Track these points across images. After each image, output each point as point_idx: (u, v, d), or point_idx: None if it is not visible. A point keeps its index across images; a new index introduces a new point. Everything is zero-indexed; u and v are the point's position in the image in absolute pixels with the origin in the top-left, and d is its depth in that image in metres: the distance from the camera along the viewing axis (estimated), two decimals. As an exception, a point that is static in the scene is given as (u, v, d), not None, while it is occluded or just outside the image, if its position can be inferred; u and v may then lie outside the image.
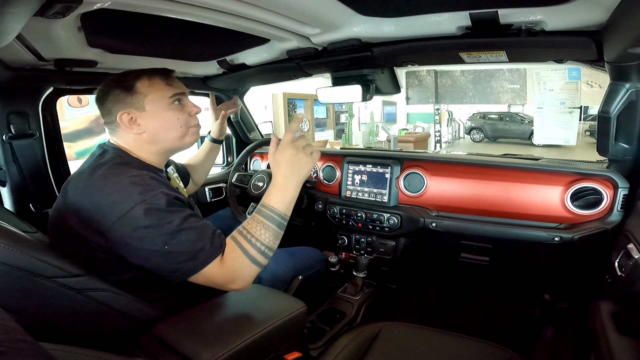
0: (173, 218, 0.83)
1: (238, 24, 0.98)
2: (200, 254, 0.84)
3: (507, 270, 1.58)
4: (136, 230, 0.80)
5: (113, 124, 0.98)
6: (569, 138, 1.55)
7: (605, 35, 0.82)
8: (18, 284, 0.71)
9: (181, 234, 0.83)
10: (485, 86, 12.15)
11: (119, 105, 0.96)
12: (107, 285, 0.83)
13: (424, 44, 1.09)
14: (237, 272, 0.87)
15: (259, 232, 0.89)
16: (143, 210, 0.81)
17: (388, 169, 1.61)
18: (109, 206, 0.82)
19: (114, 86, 0.97)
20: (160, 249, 0.81)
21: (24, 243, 0.74)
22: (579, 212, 1.27)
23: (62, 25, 0.85)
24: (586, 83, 4.60)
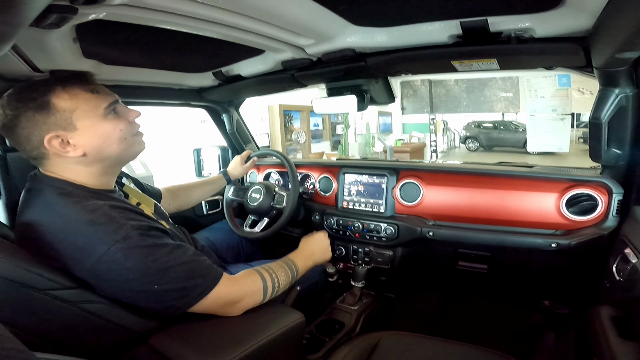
0: (157, 255, 0.79)
1: (233, 35, 0.98)
2: (195, 289, 0.83)
3: (506, 277, 1.59)
4: (119, 272, 0.76)
5: (37, 151, 0.84)
6: (561, 145, 1.57)
7: (592, 41, 0.84)
8: (11, 296, 0.70)
9: (170, 271, 0.80)
10: (479, 95, 12.29)
11: (39, 129, 0.81)
12: (101, 298, 0.81)
13: (416, 53, 1.11)
14: (245, 297, 0.93)
15: (280, 273, 1.04)
16: (120, 252, 0.76)
17: (384, 179, 1.62)
18: (77, 252, 0.75)
19: (21, 108, 0.80)
20: (150, 289, 0.78)
21: (17, 255, 0.73)
22: (575, 218, 1.28)
23: (57, 36, 0.84)
24: (577, 90, 4.68)
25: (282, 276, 1.04)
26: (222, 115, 2.05)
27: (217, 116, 2.07)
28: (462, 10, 0.88)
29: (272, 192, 1.68)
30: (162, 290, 0.79)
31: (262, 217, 1.72)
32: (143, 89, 1.52)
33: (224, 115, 2.04)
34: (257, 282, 0.96)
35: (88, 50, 1.04)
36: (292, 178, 1.64)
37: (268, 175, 2.09)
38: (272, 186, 1.71)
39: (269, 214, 1.69)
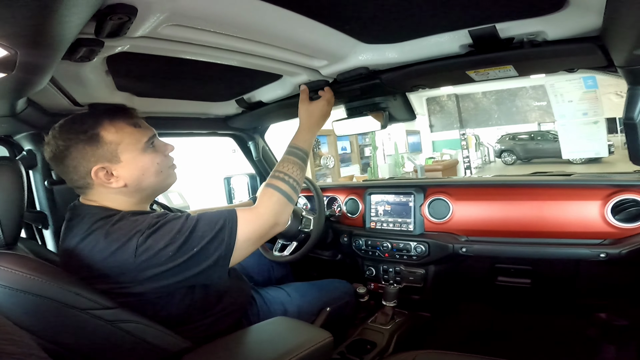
0: (178, 226, 0.85)
1: (250, 62, 1.03)
2: (224, 230, 0.87)
3: (552, 291, 1.49)
4: (158, 255, 0.81)
5: (83, 181, 0.89)
6: (599, 150, 1.49)
7: (606, 39, 0.81)
8: (55, 316, 0.75)
9: (196, 230, 0.85)
10: (510, 106, 11.96)
11: (87, 161, 0.87)
12: (138, 317, 0.85)
13: (429, 66, 1.11)
14: (277, 214, 0.96)
15: (288, 168, 1.03)
16: (150, 238, 0.81)
17: (411, 197, 1.60)
18: (119, 258, 0.81)
19: (73, 139, 0.86)
20: (192, 254, 0.83)
21: (61, 278, 0.79)
22: (623, 226, 1.19)
23: (90, 69, 0.90)
24: (615, 93, 4.42)
25: (293, 170, 1.04)
26: (249, 143, 2.11)
27: (243, 144, 2.13)
28: (468, 19, 0.87)
29: (300, 216, 1.69)
30: (202, 249, 0.84)
31: (291, 240, 1.73)
32: (172, 120, 1.60)
33: (250, 142, 2.11)
34: (274, 195, 0.98)
35: (120, 83, 1.12)
36: (318, 201, 1.65)
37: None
38: (299, 210, 1.73)
39: (297, 238, 1.70)
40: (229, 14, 0.72)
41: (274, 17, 0.79)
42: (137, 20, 0.61)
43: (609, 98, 8.14)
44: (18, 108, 0.95)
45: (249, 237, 0.90)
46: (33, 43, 0.50)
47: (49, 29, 0.47)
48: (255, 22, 0.79)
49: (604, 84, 1.43)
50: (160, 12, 0.63)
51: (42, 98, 1.05)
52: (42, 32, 0.47)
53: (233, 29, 0.79)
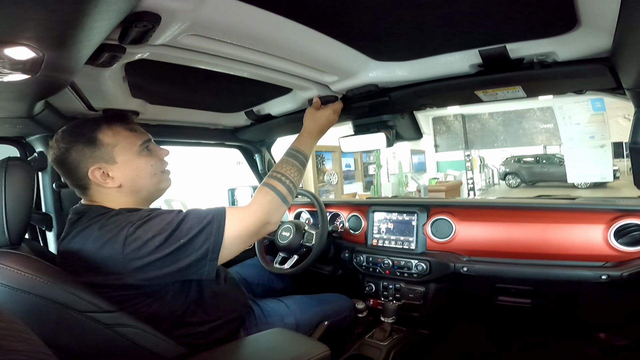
0: (168, 218, 0.87)
1: (263, 75, 1.05)
2: (212, 224, 0.88)
3: (552, 311, 1.49)
4: (146, 245, 0.83)
5: (83, 181, 0.95)
6: (604, 174, 1.50)
7: (616, 61, 0.82)
8: (52, 316, 0.75)
9: (184, 223, 0.87)
10: (517, 128, 11.97)
11: (85, 161, 0.93)
12: (136, 322, 0.85)
13: (439, 85, 1.12)
14: (270, 213, 0.97)
15: (286, 169, 1.05)
16: (139, 229, 0.84)
17: (414, 216, 1.61)
18: (108, 247, 0.83)
19: (73, 142, 0.93)
20: (179, 245, 0.84)
21: (62, 279, 0.79)
22: (626, 250, 1.20)
23: (109, 75, 0.94)
24: (623, 117, 4.43)
25: (291, 172, 1.06)
26: (255, 155, 2.14)
27: (249, 156, 2.16)
28: (479, 38, 0.89)
29: (302, 231, 1.70)
30: (189, 241, 0.85)
31: (292, 254, 1.73)
32: (182, 129, 1.63)
33: (256, 155, 2.13)
34: (269, 194, 0.99)
35: (135, 90, 1.15)
36: (322, 217, 1.66)
37: (299, 214, 2.13)
38: (302, 225, 1.73)
39: (299, 252, 1.70)
40: (248, 26, 0.75)
41: (290, 31, 0.81)
42: (159, 29, 0.64)
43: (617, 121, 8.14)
44: (36, 110, 0.98)
45: (239, 234, 0.92)
46: (61, 46, 0.52)
47: (78, 33, 0.49)
48: (272, 36, 0.81)
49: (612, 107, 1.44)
50: (182, 22, 0.65)
51: (59, 101, 1.07)
52: (71, 36, 0.49)
53: (250, 41, 0.82)
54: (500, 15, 0.78)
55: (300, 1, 0.71)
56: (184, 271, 0.88)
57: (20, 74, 0.62)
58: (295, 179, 1.06)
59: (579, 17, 0.74)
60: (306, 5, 0.74)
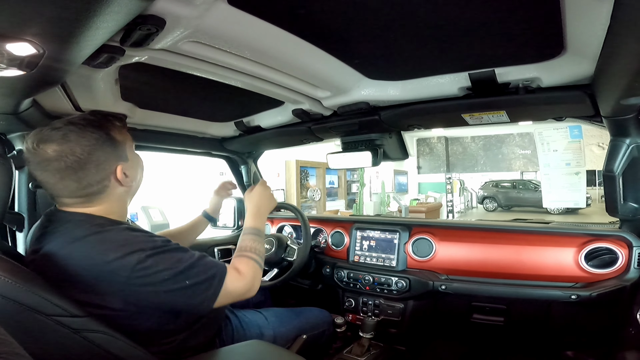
0: (180, 257, 0.87)
1: (257, 86, 1.06)
2: (215, 278, 0.90)
3: (524, 329, 1.53)
4: (153, 276, 0.82)
5: (100, 185, 0.88)
6: (578, 200, 1.55)
7: (596, 87, 0.87)
8: (17, 318, 0.72)
9: (194, 267, 0.87)
10: (497, 152, 12.35)
11: (110, 160, 0.88)
12: (105, 328, 0.81)
13: (428, 106, 1.16)
14: (254, 280, 1.01)
15: (254, 245, 1.09)
16: (151, 259, 0.82)
17: (396, 235, 1.64)
18: (112, 267, 0.79)
19: (99, 140, 0.85)
20: (183, 285, 0.85)
21: (30, 281, 0.76)
22: (595, 271, 1.25)
23: (102, 76, 0.93)
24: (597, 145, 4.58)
25: (256, 246, 1.10)
26: (241, 167, 2.12)
27: (235, 167, 2.14)
28: (470, 61, 0.94)
29: (284, 245, 1.69)
30: (193, 284, 0.86)
31: (272, 267, 1.71)
32: (170, 135, 1.61)
33: (242, 166, 2.12)
34: (252, 265, 1.03)
35: (125, 93, 1.14)
36: (305, 232, 1.66)
37: (281, 228, 2.12)
38: (284, 239, 1.73)
39: (279, 265, 1.69)
40: (249, 37, 0.76)
41: (290, 45, 0.83)
42: (162, 33, 0.64)
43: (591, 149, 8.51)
44: (22, 107, 0.95)
45: (232, 295, 0.95)
46: (63, 44, 0.52)
47: (84, 32, 0.49)
48: (272, 48, 0.83)
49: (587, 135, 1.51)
50: (185, 28, 0.66)
51: (46, 100, 1.05)
52: (76, 34, 0.49)
53: (249, 51, 0.83)
54: (493, 39, 0.82)
55: (304, 16, 0.74)
56: (175, 307, 0.90)
57: (16, 70, 0.61)
58: (259, 249, 1.12)
59: (565, 43, 0.78)
60: (308, 21, 0.76)
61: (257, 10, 0.70)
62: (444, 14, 0.72)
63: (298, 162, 7.13)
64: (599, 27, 0.63)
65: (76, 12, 0.43)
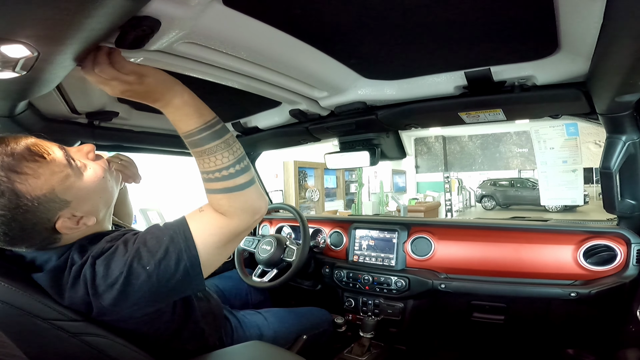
0: (128, 246, 0.75)
1: (253, 86, 1.06)
2: (177, 240, 0.74)
3: (524, 327, 1.54)
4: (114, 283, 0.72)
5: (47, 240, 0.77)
6: (575, 198, 1.56)
7: (591, 86, 0.88)
8: (15, 323, 0.72)
9: (143, 248, 0.74)
10: (494, 151, 12.41)
11: (37, 225, 0.74)
12: (104, 332, 0.81)
13: (424, 105, 1.17)
14: (244, 208, 0.77)
15: (216, 160, 0.76)
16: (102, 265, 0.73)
17: (395, 234, 1.64)
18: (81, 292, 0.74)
19: (6, 206, 0.68)
20: (147, 276, 0.72)
21: (27, 285, 0.76)
22: (594, 269, 1.26)
23: None
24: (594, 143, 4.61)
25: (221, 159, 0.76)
26: (239, 167, 2.12)
27: (233, 168, 2.13)
28: (466, 60, 0.94)
29: (283, 246, 1.69)
30: (156, 265, 0.72)
31: (272, 268, 1.72)
32: (168, 137, 1.61)
33: (240, 167, 2.11)
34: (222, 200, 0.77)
35: None
36: (304, 233, 1.66)
37: (280, 228, 2.12)
38: (283, 239, 1.73)
39: (278, 266, 1.69)
40: (245, 37, 0.76)
41: (286, 45, 0.83)
42: (157, 34, 0.64)
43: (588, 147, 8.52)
44: (17, 110, 0.95)
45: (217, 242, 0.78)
46: (57, 46, 0.52)
47: (78, 34, 0.49)
48: (268, 48, 0.83)
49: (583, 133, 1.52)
50: (180, 29, 0.66)
51: (42, 102, 1.05)
52: (70, 36, 0.49)
53: (245, 52, 0.83)
54: (488, 37, 0.82)
55: (299, 16, 0.74)
56: (169, 296, 0.81)
57: (10, 72, 0.61)
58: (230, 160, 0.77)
59: (560, 41, 0.79)
60: (304, 21, 0.76)
61: (253, 10, 0.70)
62: (439, 13, 0.73)
63: (296, 162, 7.14)
64: (593, 25, 0.63)
65: (70, 14, 0.43)
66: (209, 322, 1.07)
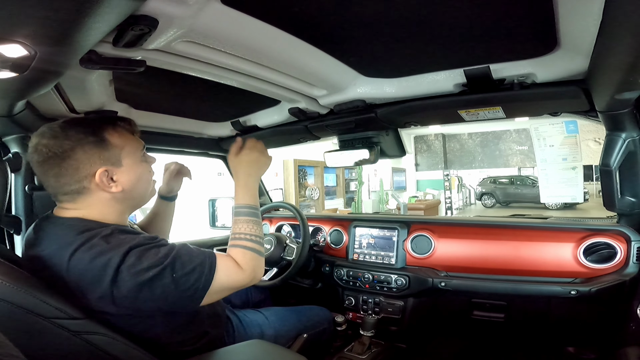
0: (163, 250, 0.84)
1: (252, 85, 1.06)
2: (204, 265, 0.87)
3: (525, 325, 1.54)
4: (138, 274, 0.79)
5: (79, 185, 0.86)
6: (575, 195, 1.56)
7: (591, 83, 0.88)
8: (16, 322, 0.72)
9: (178, 258, 0.84)
10: (494, 149, 12.40)
11: (92, 163, 0.85)
12: (105, 330, 0.81)
13: (423, 103, 1.16)
14: (254, 271, 0.95)
15: (251, 228, 1.00)
16: (134, 256, 0.80)
17: (395, 232, 1.64)
18: (99, 269, 0.78)
19: (82, 140, 0.84)
20: (171, 280, 0.81)
21: (28, 283, 0.76)
22: (594, 266, 1.26)
23: (96, 77, 0.92)
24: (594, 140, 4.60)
25: (249, 228, 1.00)
26: (239, 167, 2.12)
27: (233, 167, 2.13)
28: (465, 58, 0.94)
29: (283, 244, 1.69)
30: (181, 276, 0.82)
31: (272, 266, 1.72)
32: (166, 136, 1.61)
33: (240, 166, 2.11)
34: (250, 256, 0.96)
35: (120, 94, 1.14)
36: (304, 231, 1.66)
37: (280, 227, 2.12)
38: (283, 238, 1.73)
39: (279, 264, 1.70)
40: (244, 36, 0.76)
41: (285, 43, 0.83)
42: (155, 33, 0.64)
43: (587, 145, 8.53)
44: (16, 109, 0.95)
45: (228, 286, 0.91)
46: (55, 45, 0.52)
47: (75, 33, 0.49)
48: (266, 46, 0.82)
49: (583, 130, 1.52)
50: (178, 28, 0.66)
51: (41, 102, 1.04)
52: (68, 36, 0.49)
53: (244, 50, 0.83)
54: (487, 35, 0.82)
55: (298, 14, 0.73)
56: (169, 305, 0.85)
57: (8, 72, 0.61)
58: (255, 231, 1.01)
59: (559, 38, 0.79)
60: (303, 19, 0.76)
61: (251, 9, 0.70)
62: (439, 10, 0.72)
63: (296, 161, 7.14)
64: (592, 22, 0.63)
65: (66, 13, 0.43)
66: (213, 324, 1.08)
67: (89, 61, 0.72)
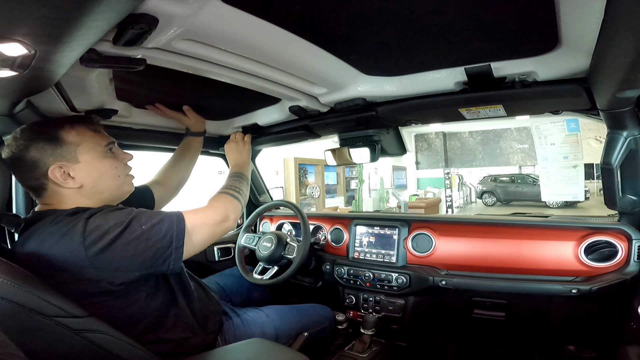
0: (125, 211, 0.90)
1: (253, 83, 1.06)
2: (171, 215, 0.92)
3: (525, 324, 1.53)
4: (107, 232, 0.83)
5: (38, 182, 0.91)
6: (576, 193, 1.56)
7: (592, 81, 0.87)
8: (17, 320, 0.72)
9: (143, 213, 0.90)
10: (495, 147, 12.39)
11: (45, 159, 0.90)
12: (107, 328, 0.82)
13: (424, 102, 1.16)
14: (227, 210, 1.06)
15: (233, 183, 1.18)
16: (98, 218, 0.85)
17: (395, 231, 1.64)
18: (66, 238, 0.82)
19: (34, 138, 0.89)
20: (141, 233, 0.86)
21: (29, 282, 0.76)
22: (595, 265, 1.25)
23: (96, 76, 0.93)
24: (594, 138, 4.58)
25: (237, 184, 1.19)
26: (239, 165, 2.12)
27: (233, 166, 2.13)
28: (466, 56, 0.94)
29: (284, 243, 1.69)
30: (151, 227, 0.88)
31: (272, 265, 1.72)
32: (167, 135, 1.61)
33: (240, 165, 2.11)
34: (222, 197, 1.11)
35: (121, 92, 1.14)
36: (304, 229, 1.66)
37: (281, 225, 2.12)
38: (284, 236, 1.73)
39: (279, 263, 1.69)
40: (244, 34, 0.76)
41: (285, 42, 0.83)
42: (155, 32, 0.64)
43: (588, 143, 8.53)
44: (17, 108, 0.95)
45: (202, 222, 0.97)
46: (55, 44, 0.52)
47: (75, 32, 0.49)
48: (267, 45, 0.82)
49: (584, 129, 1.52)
50: (178, 26, 0.65)
51: (41, 101, 1.04)
52: (68, 34, 0.49)
53: (244, 49, 0.83)
54: (488, 33, 0.82)
55: (298, 13, 0.73)
56: (149, 262, 0.88)
57: (8, 71, 0.60)
58: (244, 188, 1.21)
59: (560, 37, 0.78)
60: (303, 17, 0.76)
61: (251, 7, 0.70)
62: (439, 9, 0.72)
63: (296, 159, 7.13)
64: (593, 21, 0.63)
65: (66, 12, 0.43)
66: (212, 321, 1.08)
67: (89, 60, 0.72)
